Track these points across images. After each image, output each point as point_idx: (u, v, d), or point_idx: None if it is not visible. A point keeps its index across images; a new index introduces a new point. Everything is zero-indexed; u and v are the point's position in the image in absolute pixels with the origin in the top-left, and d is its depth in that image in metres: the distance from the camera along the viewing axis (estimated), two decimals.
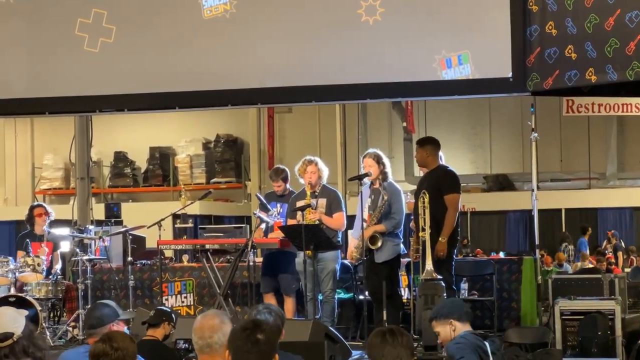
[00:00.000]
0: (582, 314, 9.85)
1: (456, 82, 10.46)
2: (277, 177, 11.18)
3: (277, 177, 11.18)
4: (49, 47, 11.35)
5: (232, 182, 26.54)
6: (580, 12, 9.68)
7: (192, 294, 12.12)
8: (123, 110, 11.78)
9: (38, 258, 11.53)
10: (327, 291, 10.36)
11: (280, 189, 11.14)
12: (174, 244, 12.07)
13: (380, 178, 10.58)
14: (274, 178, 11.21)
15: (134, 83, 11.21)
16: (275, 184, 11.18)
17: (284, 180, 11.15)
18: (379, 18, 10.57)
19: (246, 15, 10.90)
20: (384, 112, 26.92)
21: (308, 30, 10.81)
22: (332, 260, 10.38)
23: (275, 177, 11.19)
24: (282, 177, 11.18)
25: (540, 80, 10.03)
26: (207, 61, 11.09)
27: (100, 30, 11.12)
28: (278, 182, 11.14)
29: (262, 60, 10.93)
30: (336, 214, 10.60)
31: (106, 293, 12.30)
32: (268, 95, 11.22)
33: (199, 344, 5.12)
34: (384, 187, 10.47)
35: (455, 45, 10.42)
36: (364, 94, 11.13)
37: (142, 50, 11.18)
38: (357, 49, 10.69)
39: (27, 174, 27.82)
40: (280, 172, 11.33)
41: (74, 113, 13.00)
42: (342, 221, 10.63)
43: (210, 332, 5.10)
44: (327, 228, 10.35)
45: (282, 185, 11.13)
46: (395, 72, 10.63)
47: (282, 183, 11.12)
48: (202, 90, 11.12)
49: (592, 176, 26.59)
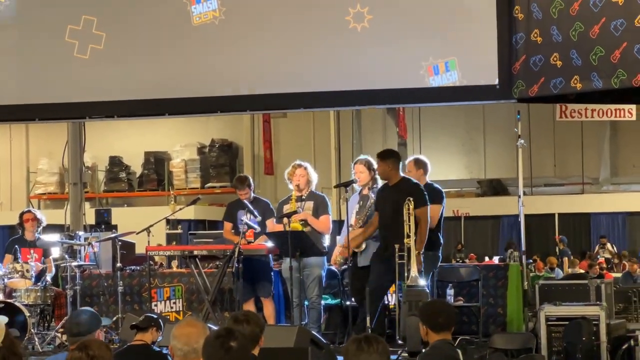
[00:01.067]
0: (567, 320, 9.88)
1: (443, 88, 10.52)
2: (242, 185, 11.19)
3: (242, 185, 11.19)
4: (39, 53, 11.41)
5: (227, 186, 26.56)
6: (565, 20, 9.74)
7: (181, 299, 12.15)
8: (113, 117, 11.84)
9: (27, 264, 11.56)
10: (313, 297, 10.39)
11: (246, 197, 11.15)
12: (163, 250, 12.10)
13: (370, 184, 10.62)
14: (240, 187, 11.21)
15: (124, 89, 11.27)
16: (241, 192, 11.17)
17: (249, 187, 11.19)
18: (367, 25, 10.63)
19: (235, 22, 10.96)
20: (378, 117, 26.98)
21: (296, 37, 10.87)
22: (317, 266, 10.41)
23: (241, 186, 11.20)
24: (247, 184, 11.21)
25: (525, 88, 10.10)
26: (197, 68, 11.15)
27: (90, 36, 11.18)
28: (244, 189, 11.16)
29: (251, 67, 10.99)
30: (322, 217, 10.63)
31: (95, 299, 12.31)
32: (257, 102, 11.28)
33: (184, 350, 5.13)
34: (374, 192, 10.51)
35: (443, 52, 10.49)
36: (352, 101, 11.18)
37: (132, 57, 11.24)
38: (345, 55, 10.75)
39: (21, 178, 27.86)
40: (244, 179, 11.37)
41: (64, 119, 13.04)
42: (328, 224, 10.65)
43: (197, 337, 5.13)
44: (312, 233, 10.38)
45: (248, 193, 11.15)
46: (383, 78, 10.69)
47: (248, 190, 11.16)
48: (191, 97, 11.18)
49: (586, 181, 26.66)
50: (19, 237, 12.31)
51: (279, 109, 13.02)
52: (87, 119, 12.02)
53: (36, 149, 27.64)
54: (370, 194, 10.47)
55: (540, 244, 23.88)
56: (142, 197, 26.80)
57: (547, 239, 25.70)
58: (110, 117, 11.82)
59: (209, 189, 26.14)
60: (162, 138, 26.99)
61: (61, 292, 11.80)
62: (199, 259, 11.05)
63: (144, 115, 12.12)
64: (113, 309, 11.89)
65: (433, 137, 26.87)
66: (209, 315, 10.61)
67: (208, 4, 10.98)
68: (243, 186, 11.14)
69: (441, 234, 10.45)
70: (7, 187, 27.70)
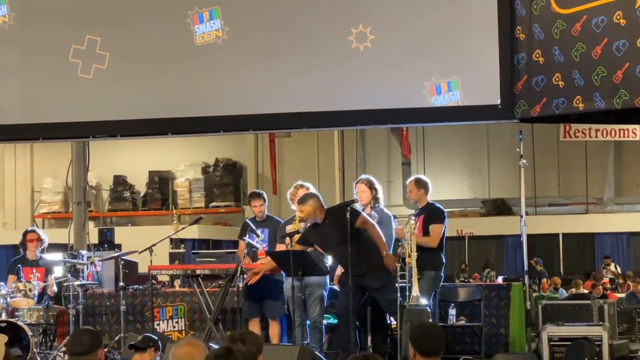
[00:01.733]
0: (569, 340, 9.87)
1: (446, 108, 10.54)
2: (258, 198, 11.24)
3: (258, 198, 11.24)
4: (43, 73, 11.44)
5: (231, 206, 26.57)
6: (567, 41, 9.76)
7: (183, 319, 12.14)
8: (116, 136, 11.85)
9: (30, 283, 11.55)
10: (315, 317, 10.39)
11: (261, 209, 11.18)
12: (165, 269, 12.10)
13: (372, 203, 10.63)
14: (255, 198, 11.26)
15: (128, 109, 11.29)
16: (255, 204, 11.20)
17: (263, 200, 11.22)
18: (369, 45, 10.66)
19: (238, 42, 10.99)
20: (382, 137, 26.99)
21: (299, 57, 10.90)
22: (319, 286, 10.41)
23: (257, 198, 11.25)
24: (262, 197, 11.26)
25: (527, 108, 10.11)
26: (200, 87, 11.17)
27: (94, 56, 11.21)
28: (259, 201, 11.20)
29: (255, 86, 11.01)
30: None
31: (98, 318, 12.31)
32: (260, 122, 11.29)
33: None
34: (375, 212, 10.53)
35: (445, 72, 10.52)
36: (354, 120, 11.21)
37: (135, 77, 11.27)
38: (347, 75, 10.78)
39: (26, 197, 27.88)
40: (259, 193, 11.46)
41: (68, 139, 13.08)
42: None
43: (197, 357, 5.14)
44: (314, 252, 10.39)
45: (262, 205, 11.18)
46: (385, 98, 10.71)
47: (262, 202, 11.19)
48: (194, 116, 11.20)
49: (590, 201, 26.62)
50: (21, 257, 12.30)
51: (283, 128, 13.00)
52: (90, 138, 12.03)
53: (41, 169, 27.67)
54: (372, 213, 10.47)
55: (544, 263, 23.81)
56: (146, 216, 26.79)
57: (552, 259, 25.64)
58: (114, 137, 11.82)
59: (213, 209, 26.14)
60: (166, 157, 27.01)
61: (64, 310, 11.79)
62: (201, 278, 11.05)
63: (148, 135, 12.10)
64: (115, 328, 11.88)
65: (437, 157, 26.88)
66: (211, 335, 10.61)
67: (211, 23, 11.01)
68: (259, 198, 11.19)
69: (443, 254, 10.44)
70: (11, 206, 27.71)
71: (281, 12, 10.98)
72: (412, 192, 10.66)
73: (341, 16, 10.76)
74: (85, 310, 11.81)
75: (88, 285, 12.22)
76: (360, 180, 10.81)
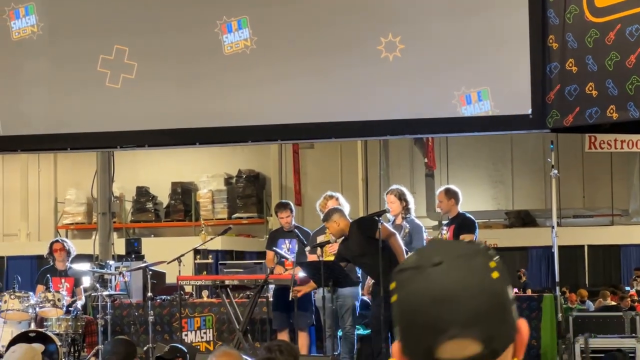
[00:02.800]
0: (602, 352, 9.78)
1: (476, 118, 10.48)
2: (284, 208, 11.21)
3: (284, 208, 11.21)
4: (71, 83, 11.45)
5: (254, 217, 26.53)
6: (601, 50, 9.68)
7: (211, 329, 12.10)
8: (144, 146, 11.85)
9: (58, 293, 11.54)
10: (347, 327, 10.35)
11: (289, 220, 11.15)
12: (194, 280, 12.08)
13: (403, 214, 10.59)
14: (282, 209, 11.24)
15: (155, 119, 11.28)
16: (282, 214, 11.18)
17: (290, 211, 11.19)
18: (399, 54, 10.61)
19: (266, 51, 10.96)
20: (405, 148, 26.92)
21: (328, 66, 10.86)
22: (351, 296, 10.37)
23: (283, 209, 11.22)
24: (289, 207, 11.23)
25: (560, 117, 10.04)
26: (228, 97, 11.15)
27: (122, 66, 11.21)
28: (286, 212, 11.17)
29: (282, 96, 10.98)
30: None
31: (126, 328, 12.28)
32: (288, 132, 11.27)
33: None
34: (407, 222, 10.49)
35: (475, 82, 10.45)
36: (383, 131, 11.17)
37: (163, 86, 11.26)
38: (376, 85, 10.73)
39: (49, 209, 27.94)
40: (286, 203, 11.45)
41: (95, 149, 13.09)
42: None
43: None
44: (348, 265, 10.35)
45: (290, 216, 11.15)
46: (415, 108, 10.67)
47: (289, 213, 11.16)
48: (222, 126, 11.18)
49: (615, 212, 26.45)
50: (50, 267, 12.32)
51: (311, 138, 13.00)
52: (118, 148, 12.03)
53: (64, 180, 27.71)
54: (403, 223, 10.42)
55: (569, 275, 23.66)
56: (169, 227, 26.80)
57: (577, 271, 25.49)
58: (141, 147, 11.83)
59: (236, 220, 26.11)
60: (189, 168, 27.01)
61: (92, 319, 11.78)
62: (230, 288, 11.02)
63: (175, 145, 12.10)
64: (143, 339, 11.85)
65: (459, 168, 26.78)
66: (240, 346, 10.56)
67: (240, 33, 10.99)
68: (286, 209, 11.15)
69: None
70: (35, 217, 27.76)
71: (310, 21, 10.96)
72: (442, 203, 10.61)
73: (371, 25, 10.72)
74: (113, 321, 11.78)
75: (116, 296, 12.21)
76: (390, 191, 10.78)
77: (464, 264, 1.74)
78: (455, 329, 1.70)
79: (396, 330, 1.77)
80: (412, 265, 1.75)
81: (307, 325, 10.90)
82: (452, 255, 1.75)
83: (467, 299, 1.71)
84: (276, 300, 10.86)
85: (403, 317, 1.74)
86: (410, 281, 1.74)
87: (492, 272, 1.76)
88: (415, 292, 1.73)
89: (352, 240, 9.95)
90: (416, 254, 1.79)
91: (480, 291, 1.73)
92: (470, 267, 1.74)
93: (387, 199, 10.70)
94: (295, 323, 10.89)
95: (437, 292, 1.71)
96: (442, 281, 1.72)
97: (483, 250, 1.79)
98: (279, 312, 10.89)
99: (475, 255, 1.77)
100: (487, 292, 1.74)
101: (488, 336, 1.72)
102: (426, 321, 1.71)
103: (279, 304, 10.82)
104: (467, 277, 1.73)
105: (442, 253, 1.76)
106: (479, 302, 1.72)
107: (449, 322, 1.70)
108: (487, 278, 1.75)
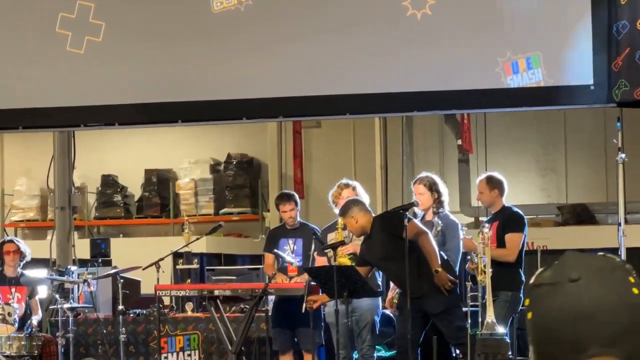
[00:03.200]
0: None
1: (524, 90, 10.52)
2: (288, 200, 11.24)
3: (288, 200, 11.24)
4: (24, 47, 11.47)
5: (247, 212, 26.53)
6: None
7: (197, 351, 12.15)
8: (113, 125, 11.88)
9: (8, 306, 11.58)
10: (365, 348, 10.39)
11: (292, 214, 11.16)
12: (175, 290, 12.11)
13: (434, 208, 10.59)
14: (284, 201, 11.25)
15: (127, 92, 11.30)
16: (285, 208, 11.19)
17: (295, 203, 11.21)
18: (429, 12, 10.63)
19: (265, 8, 10.98)
20: (434, 128, 26.91)
21: (341, 27, 10.87)
22: (370, 310, 10.40)
23: (286, 201, 11.24)
24: (293, 199, 11.24)
25: (629, 89, 10.05)
26: (218, 64, 11.18)
27: (87, 26, 11.24)
28: (290, 204, 11.19)
29: (285, 63, 11.00)
30: None
31: (92, 349, 12.33)
32: (290, 107, 11.30)
33: None
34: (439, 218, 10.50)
35: (524, 46, 10.49)
36: (409, 105, 11.20)
37: (138, 52, 11.29)
38: (401, 49, 10.76)
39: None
40: (290, 194, 11.46)
41: (53, 128, 13.09)
42: None
43: None
44: None
45: (294, 210, 11.17)
46: (448, 78, 10.70)
47: (294, 206, 11.18)
48: (211, 100, 11.19)
49: None
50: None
51: (319, 114, 13.04)
52: (80, 127, 12.06)
53: (12, 167, 27.75)
54: (435, 219, 10.44)
55: None
56: (142, 225, 26.85)
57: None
58: (110, 125, 11.86)
59: (224, 216, 26.15)
60: (167, 153, 27.03)
61: (51, 338, 11.83)
62: (220, 300, 11.06)
63: (152, 123, 12.17)
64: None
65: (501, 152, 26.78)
66: None
67: None
68: (289, 201, 11.17)
69: (522, 270, 10.41)
70: None
71: None
72: (483, 194, 10.65)
73: None
74: (76, 340, 11.85)
75: (80, 309, 12.26)
76: (419, 180, 10.79)
77: (602, 280, 2.03)
78: (595, 347, 1.97)
79: (531, 349, 2.06)
80: (548, 281, 2.06)
81: (316, 345, 10.94)
82: (589, 270, 2.06)
83: (607, 316, 1.98)
84: (277, 315, 10.90)
85: (539, 335, 2.03)
86: (547, 298, 2.04)
87: (633, 287, 2.03)
88: (552, 309, 2.02)
89: (375, 240, 9.96)
90: (551, 268, 2.11)
91: (620, 308, 1.99)
92: (609, 283, 2.02)
93: (414, 190, 10.70)
94: (300, 343, 10.93)
95: (576, 310, 1.99)
96: (581, 298, 2.01)
97: (621, 264, 2.07)
98: (281, 330, 10.93)
99: (614, 269, 2.06)
100: (628, 309, 2.01)
101: (629, 354, 1.97)
102: (565, 340, 1.99)
103: (281, 320, 10.86)
104: (607, 294, 2.01)
105: (578, 268, 2.07)
106: (620, 320, 1.98)
107: (590, 340, 1.98)
108: (628, 294, 2.02)
